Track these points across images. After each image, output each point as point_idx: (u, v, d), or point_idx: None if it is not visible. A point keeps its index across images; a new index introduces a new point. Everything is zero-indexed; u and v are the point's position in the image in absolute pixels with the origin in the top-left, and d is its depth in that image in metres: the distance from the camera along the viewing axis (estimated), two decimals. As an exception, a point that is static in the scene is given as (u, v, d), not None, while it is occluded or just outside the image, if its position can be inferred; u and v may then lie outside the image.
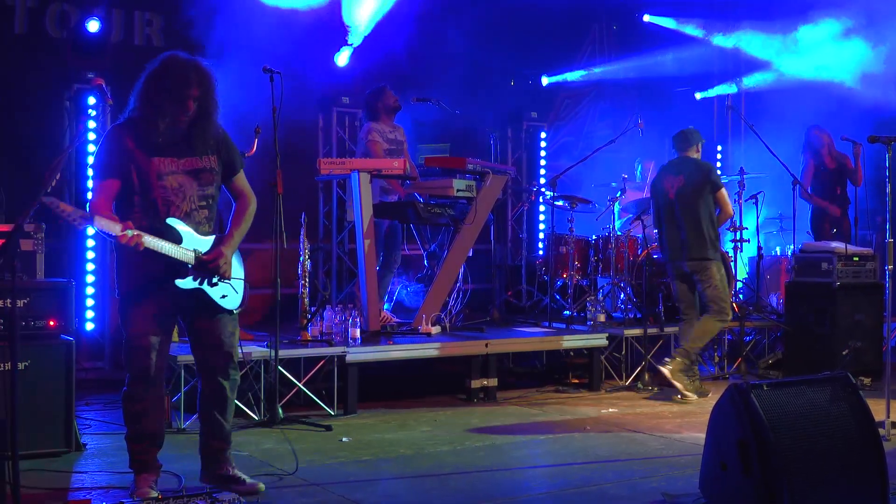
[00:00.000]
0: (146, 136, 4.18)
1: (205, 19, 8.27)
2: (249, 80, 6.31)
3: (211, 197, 4.36)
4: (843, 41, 10.36)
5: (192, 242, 4.25)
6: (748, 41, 11.26)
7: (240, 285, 4.47)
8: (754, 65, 11.34)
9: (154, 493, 4.28)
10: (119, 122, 4.30)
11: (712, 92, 11.73)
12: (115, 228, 4.01)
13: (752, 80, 11.40)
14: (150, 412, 4.37)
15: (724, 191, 7.51)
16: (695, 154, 7.61)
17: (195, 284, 4.26)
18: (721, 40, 11.33)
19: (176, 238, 4.19)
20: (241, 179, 4.53)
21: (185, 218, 4.24)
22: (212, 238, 4.35)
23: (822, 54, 10.57)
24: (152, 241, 4.10)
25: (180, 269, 4.22)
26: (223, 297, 4.38)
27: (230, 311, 4.45)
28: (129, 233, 4.02)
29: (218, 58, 6.56)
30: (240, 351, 4.75)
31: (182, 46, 7.85)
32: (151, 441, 4.42)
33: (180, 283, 4.23)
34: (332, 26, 9.33)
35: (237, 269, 4.46)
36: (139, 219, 4.14)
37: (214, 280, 4.31)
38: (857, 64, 10.16)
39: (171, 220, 4.20)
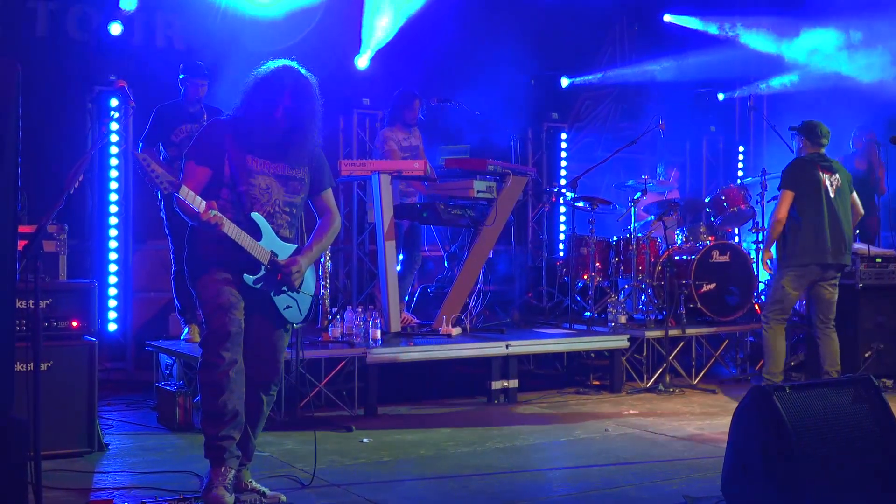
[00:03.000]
0: (243, 135, 4.19)
1: (226, 22, 8.31)
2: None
3: (296, 206, 4.34)
4: (867, 43, 10.27)
5: (271, 243, 4.20)
6: (770, 41, 11.18)
7: (306, 302, 4.37)
8: (778, 65, 11.25)
9: (230, 498, 4.09)
10: (222, 118, 4.36)
11: (741, 91, 11.64)
12: (199, 204, 3.97)
13: (775, 82, 11.31)
14: (231, 385, 4.09)
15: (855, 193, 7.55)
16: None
17: (258, 287, 4.18)
18: (744, 40, 11.25)
19: (256, 234, 4.15)
20: (329, 197, 4.50)
21: (268, 218, 4.21)
22: (292, 246, 4.31)
23: (849, 55, 10.47)
24: (232, 228, 4.05)
25: (252, 265, 4.15)
26: (287, 307, 4.30)
27: (290, 324, 4.37)
28: (212, 213, 3.98)
29: (239, 60, 6.59)
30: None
31: (203, 50, 7.99)
32: (232, 422, 4.13)
33: (248, 278, 4.15)
34: (353, 28, 9.35)
35: (309, 283, 4.38)
36: (224, 210, 4.09)
37: (283, 288, 4.25)
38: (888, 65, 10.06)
39: (254, 215, 4.17)
